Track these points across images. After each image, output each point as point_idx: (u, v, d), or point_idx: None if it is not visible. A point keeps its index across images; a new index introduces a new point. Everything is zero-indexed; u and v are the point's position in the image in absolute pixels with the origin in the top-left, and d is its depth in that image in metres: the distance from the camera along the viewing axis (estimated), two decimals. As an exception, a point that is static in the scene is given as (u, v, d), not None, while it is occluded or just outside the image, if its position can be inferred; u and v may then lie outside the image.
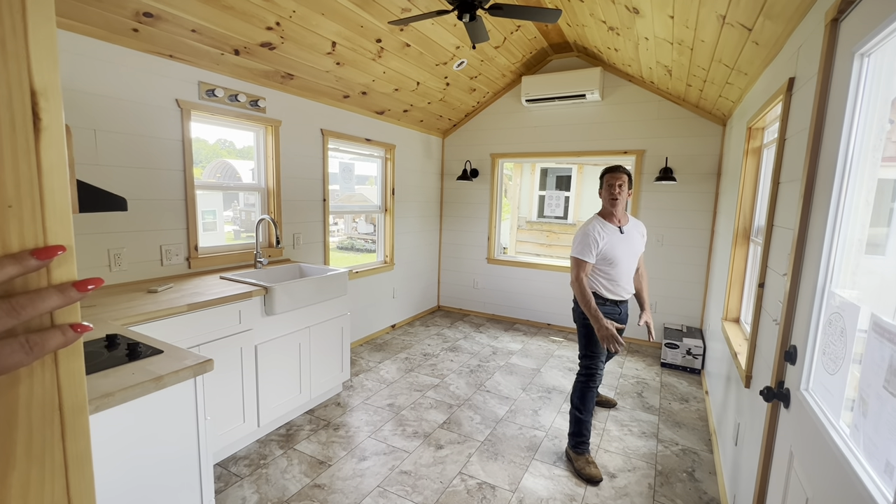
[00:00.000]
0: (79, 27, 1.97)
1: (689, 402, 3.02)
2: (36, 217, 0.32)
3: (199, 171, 5.27)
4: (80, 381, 0.35)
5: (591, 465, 2.20)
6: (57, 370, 0.33)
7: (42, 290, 0.31)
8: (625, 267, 2.29)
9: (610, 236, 2.26)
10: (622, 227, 2.31)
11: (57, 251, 0.32)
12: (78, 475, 0.35)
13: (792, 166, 1.52)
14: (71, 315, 0.34)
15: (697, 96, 3.41)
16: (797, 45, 1.61)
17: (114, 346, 1.37)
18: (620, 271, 2.29)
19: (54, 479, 0.33)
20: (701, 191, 3.80)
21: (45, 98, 0.31)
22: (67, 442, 0.34)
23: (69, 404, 0.34)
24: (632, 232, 2.33)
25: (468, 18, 2.22)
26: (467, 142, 4.88)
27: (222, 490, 2.01)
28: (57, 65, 0.32)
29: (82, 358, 0.35)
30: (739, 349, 2.11)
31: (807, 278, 1.21)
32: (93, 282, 0.34)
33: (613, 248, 2.25)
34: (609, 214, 2.32)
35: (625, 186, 2.27)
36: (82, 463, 0.35)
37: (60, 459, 0.34)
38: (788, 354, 1.25)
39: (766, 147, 2.38)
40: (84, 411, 0.35)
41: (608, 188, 2.28)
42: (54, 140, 0.32)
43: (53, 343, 0.31)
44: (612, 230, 2.28)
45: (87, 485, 0.35)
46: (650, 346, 4.12)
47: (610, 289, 2.30)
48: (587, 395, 2.27)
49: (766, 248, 1.75)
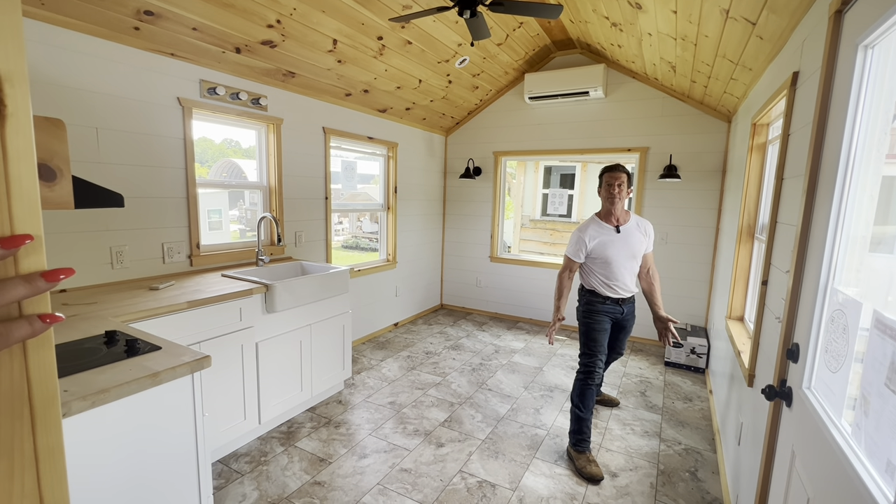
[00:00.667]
0: (79, 25, 1.97)
1: (693, 401, 3.00)
2: (1, 205, 0.31)
3: (205, 170, 5.31)
4: (50, 373, 0.34)
5: (591, 464, 2.19)
6: (26, 361, 0.33)
7: (8, 280, 0.31)
8: (621, 265, 2.30)
9: (603, 236, 2.31)
10: (620, 225, 2.32)
11: (24, 240, 0.32)
12: (49, 468, 0.34)
13: (796, 162, 1.50)
14: (40, 305, 0.33)
15: (702, 93, 3.38)
16: (801, 38, 1.58)
17: (113, 343, 1.38)
18: (616, 270, 2.30)
19: (24, 472, 0.33)
20: (705, 188, 3.76)
21: (11, 84, 0.31)
22: (38, 435, 0.34)
23: (40, 396, 0.34)
24: (631, 230, 2.32)
25: (469, 15, 2.21)
26: (470, 140, 4.87)
27: (223, 487, 2.02)
28: (23, 51, 0.31)
29: (53, 349, 0.35)
30: (743, 348, 2.09)
31: (809, 275, 1.19)
32: (63, 272, 0.34)
33: (606, 247, 2.29)
34: (607, 214, 2.34)
35: (624, 186, 2.28)
36: (54, 456, 0.35)
37: (31, 452, 0.33)
38: (791, 352, 1.23)
39: (770, 143, 2.35)
40: (55, 404, 0.35)
41: (607, 188, 2.30)
42: (21, 127, 0.32)
43: (20, 333, 0.31)
44: (607, 230, 2.32)
45: (59, 478, 0.35)
46: (654, 344, 4.09)
47: (607, 286, 2.34)
48: (586, 392, 2.28)
49: (770, 246, 1.72)
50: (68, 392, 1.05)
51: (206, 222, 7.25)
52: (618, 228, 2.31)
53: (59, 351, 1.30)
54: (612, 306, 2.35)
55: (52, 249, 1.98)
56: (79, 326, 1.52)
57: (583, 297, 2.44)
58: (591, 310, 2.37)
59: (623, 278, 2.32)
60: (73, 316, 1.65)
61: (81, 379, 1.12)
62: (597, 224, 2.34)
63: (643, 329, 4.14)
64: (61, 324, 1.54)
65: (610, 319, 2.36)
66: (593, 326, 2.33)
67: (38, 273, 0.32)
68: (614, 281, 2.31)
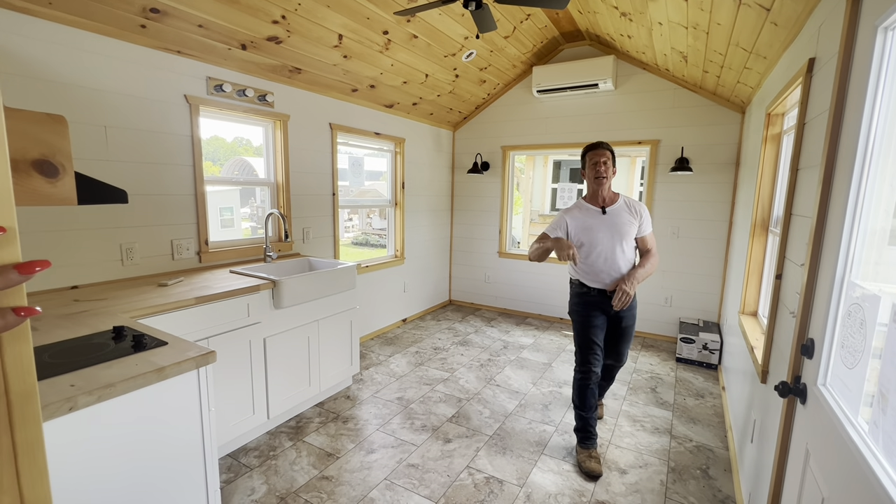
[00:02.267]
0: (86, 24, 1.99)
1: (705, 397, 2.95)
2: (-28, 196, 0.30)
3: (217, 168, 5.33)
4: (28, 367, 0.34)
5: (591, 460, 2.15)
6: (2, 355, 0.32)
7: None
8: (608, 250, 2.15)
9: (588, 218, 2.19)
10: (606, 207, 2.19)
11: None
12: (29, 463, 0.34)
13: (811, 152, 1.45)
14: (14, 298, 0.33)
15: (715, 83, 3.30)
16: (818, 23, 1.52)
17: (120, 338, 1.39)
18: (602, 256, 2.16)
19: (2, 467, 0.32)
20: (718, 181, 3.68)
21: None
22: (16, 429, 0.33)
23: (17, 390, 0.33)
24: (619, 211, 2.18)
25: (474, 6, 2.18)
26: (478, 134, 4.83)
27: (232, 480, 2.04)
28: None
29: (30, 342, 0.34)
30: (756, 343, 2.04)
31: (825, 268, 1.15)
32: (39, 264, 0.33)
33: (591, 230, 2.16)
34: (593, 195, 2.22)
35: (609, 164, 2.14)
36: (33, 450, 0.34)
37: (9, 447, 0.33)
38: (805, 348, 1.19)
39: (785, 133, 2.28)
40: (33, 398, 0.34)
41: (593, 167, 2.15)
42: (-9, 116, 0.31)
43: None
44: (593, 212, 2.20)
45: (39, 473, 0.34)
46: (665, 340, 4.03)
47: (594, 277, 2.20)
48: (584, 392, 2.21)
49: (785, 239, 1.67)
50: (75, 387, 1.06)
51: (217, 219, 7.33)
52: (604, 209, 2.18)
53: (68, 346, 1.31)
54: (599, 297, 2.20)
55: (62, 246, 2.00)
56: (88, 322, 1.54)
57: (572, 289, 2.34)
58: (579, 302, 2.26)
59: (610, 266, 2.15)
60: (83, 312, 1.67)
61: (88, 374, 1.13)
62: (582, 206, 2.23)
63: (654, 325, 4.08)
64: (71, 320, 1.56)
65: (601, 313, 2.22)
66: (582, 321, 2.23)
67: (11, 265, 0.32)
68: (601, 270, 2.16)
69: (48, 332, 1.44)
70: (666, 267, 3.98)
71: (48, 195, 1.18)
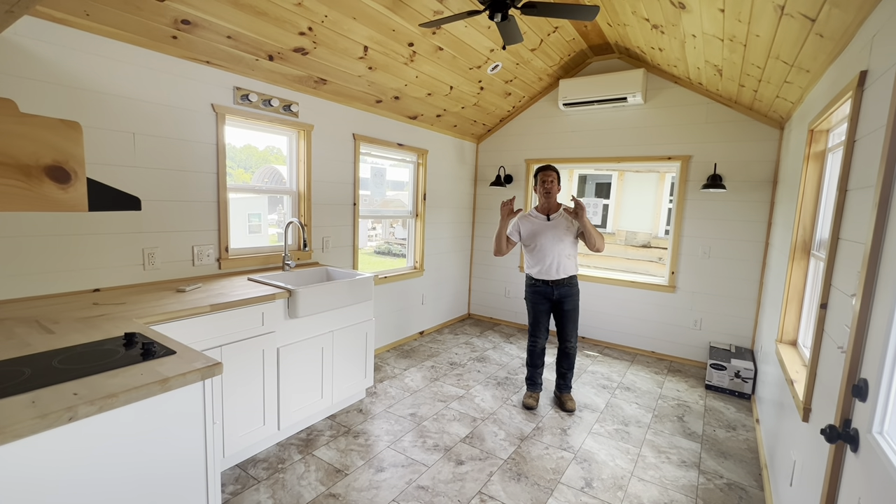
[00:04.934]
0: (120, 35, 2.05)
1: (737, 430, 2.76)
2: None
3: (248, 175, 5.44)
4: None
5: (530, 398, 2.96)
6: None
7: None
8: (551, 249, 2.77)
9: (535, 225, 2.82)
10: (550, 215, 2.83)
11: None
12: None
13: (863, 171, 1.33)
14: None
15: (751, 97, 3.15)
16: (870, 34, 1.41)
17: (131, 345, 1.38)
18: (547, 254, 2.78)
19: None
20: (754, 200, 3.50)
21: None
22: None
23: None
24: (560, 219, 2.80)
25: (500, 18, 2.14)
26: (502, 147, 4.78)
27: (239, 492, 2.00)
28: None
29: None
30: (796, 376, 1.89)
31: (882, 301, 1.03)
32: None
33: (537, 235, 2.79)
34: (542, 206, 2.87)
35: (555, 182, 2.81)
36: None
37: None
38: (857, 389, 1.07)
39: (830, 151, 2.14)
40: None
41: (542, 184, 2.82)
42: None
43: None
44: (540, 219, 2.83)
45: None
46: (694, 365, 3.82)
47: (539, 270, 2.83)
48: (532, 354, 3.01)
49: (831, 265, 1.54)
50: (78, 395, 1.04)
51: (245, 225, 7.49)
52: (548, 217, 2.82)
53: (79, 352, 1.31)
54: (544, 287, 2.85)
55: (85, 250, 2.04)
56: (102, 327, 1.54)
57: (525, 282, 2.97)
58: (530, 291, 2.93)
59: (553, 262, 2.77)
60: (100, 316, 1.69)
61: (93, 382, 1.11)
62: (532, 214, 2.88)
63: (682, 348, 3.89)
64: (87, 323, 1.57)
65: (545, 299, 2.87)
66: (533, 306, 2.92)
67: None
68: (545, 265, 2.79)
69: (64, 335, 1.45)
70: (696, 288, 3.80)
71: (59, 201, 1.19)
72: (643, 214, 7.90)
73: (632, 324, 4.16)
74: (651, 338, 4.07)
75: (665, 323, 3.99)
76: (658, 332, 4.03)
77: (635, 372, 3.66)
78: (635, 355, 4.07)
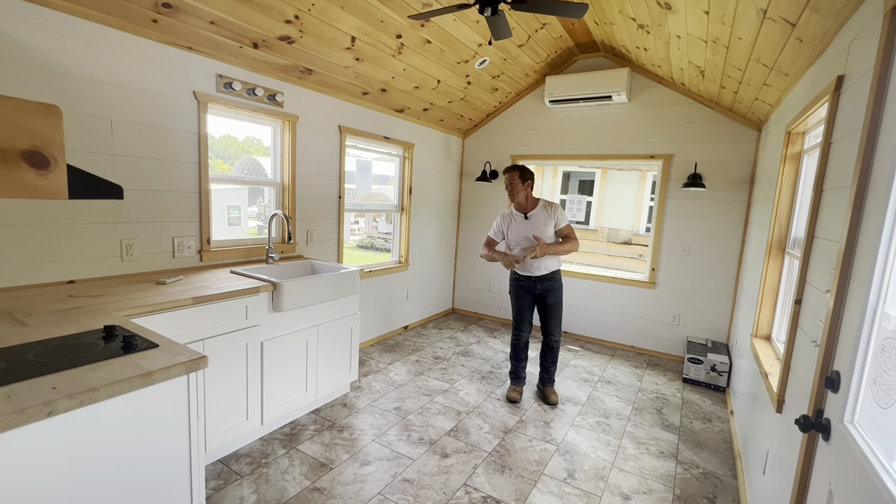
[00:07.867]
0: (97, 16, 1.97)
1: (713, 421, 2.85)
2: None
3: (227, 166, 5.32)
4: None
5: (514, 392, 3.00)
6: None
7: None
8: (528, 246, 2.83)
9: (514, 222, 2.89)
10: (527, 213, 2.86)
11: None
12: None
13: (838, 172, 1.38)
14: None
15: (731, 99, 3.24)
16: (848, 39, 1.46)
17: (111, 339, 1.34)
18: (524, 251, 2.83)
19: None
20: (732, 199, 3.60)
21: None
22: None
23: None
24: (538, 216, 2.84)
25: (490, 12, 2.14)
26: (488, 142, 4.79)
27: (221, 488, 1.97)
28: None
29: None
30: (770, 370, 1.96)
31: (854, 297, 1.08)
32: None
33: (516, 231, 2.87)
34: (517, 205, 2.91)
35: (516, 182, 2.81)
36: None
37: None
38: (830, 381, 1.12)
39: (806, 153, 2.21)
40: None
41: (506, 186, 2.88)
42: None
43: None
44: (518, 217, 2.89)
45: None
46: (672, 359, 3.93)
47: (518, 266, 2.86)
48: (516, 348, 3.03)
49: (806, 262, 1.60)
50: (56, 389, 1.01)
51: (225, 217, 7.31)
52: (526, 215, 2.86)
53: (56, 345, 1.27)
54: (527, 282, 2.90)
55: (60, 240, 1.97)
56: (79, 320, 1.50)
57: (509, 277, 3.02)
58: (514, 286, 2.98)
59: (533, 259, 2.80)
60: (76, 308, 1.63)
61: (72, 376, 1.08)
62: (512, 213, 2.93)
63: (661, 343, 3.99)
64: (63, 316, 1.51)
65: (528, 293, 2.93)
66: (516, 301, 2.98)
67: None
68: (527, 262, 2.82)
69: (38, 328, 1.40)
70: (675, 284, 3.89)
71: (37, 188, 1.14)
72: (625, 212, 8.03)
73: (612, 319, 4.24)
74: (631, 333, 4.16)
75: (645, 318, 4.08)
76: (638, 328, 4.12)
77: (616, 366, 3.74)
78: (616, 350, 4.16)
